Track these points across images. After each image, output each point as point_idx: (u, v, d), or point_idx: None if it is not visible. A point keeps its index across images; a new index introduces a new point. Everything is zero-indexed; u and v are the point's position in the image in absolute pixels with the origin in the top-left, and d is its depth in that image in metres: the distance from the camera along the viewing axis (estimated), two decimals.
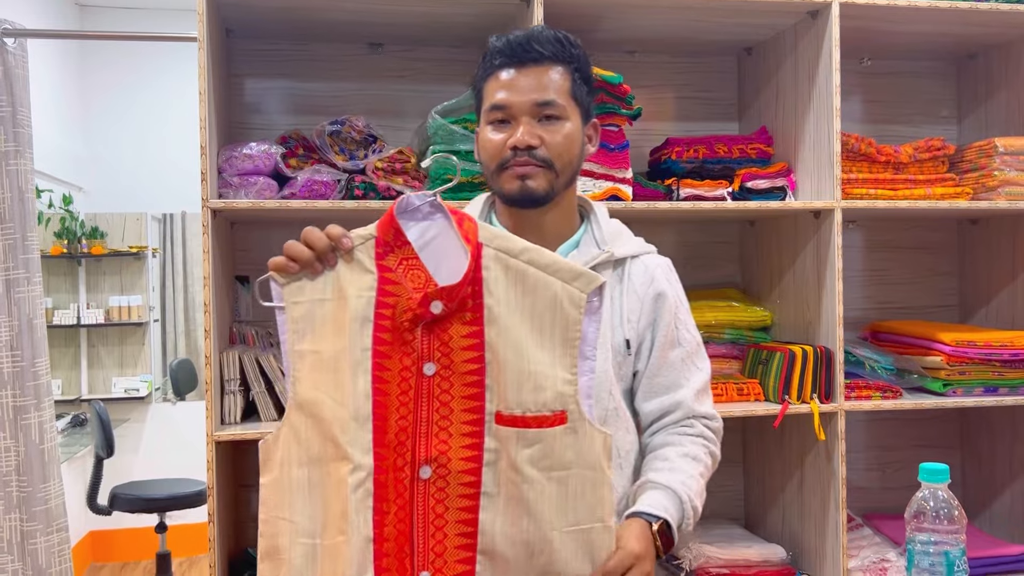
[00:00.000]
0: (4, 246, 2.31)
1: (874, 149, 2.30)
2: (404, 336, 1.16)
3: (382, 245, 1.18)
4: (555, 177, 1.37)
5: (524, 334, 1.17)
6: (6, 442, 2.33)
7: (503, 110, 1.37)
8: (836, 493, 2.17)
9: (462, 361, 1.16)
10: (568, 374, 1.18)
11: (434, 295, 1.15)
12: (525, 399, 1.16)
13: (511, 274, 1.18)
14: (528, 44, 1.36)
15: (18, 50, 2.35)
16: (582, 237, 1.46)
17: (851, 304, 2.55)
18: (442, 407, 1.16)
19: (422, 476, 1.15)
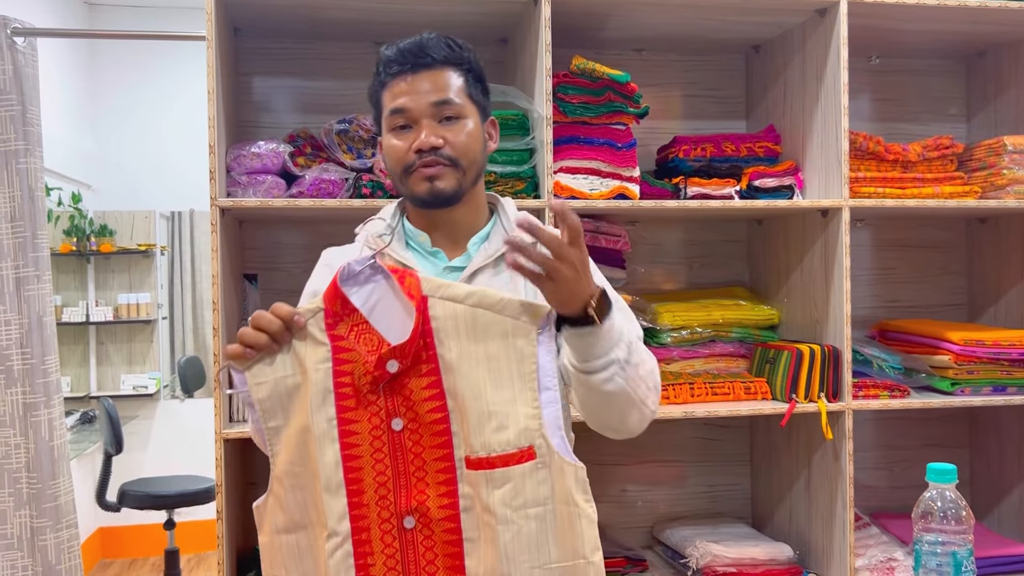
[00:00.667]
0: (14, 244, 2.32)
1: (882, 147, 2.30)
2: (368, 398, 1.20)
3: (331, 315, 1.22)
4: (462, 175, 1.39)
5: (481, 376, 1.19)
6: (16, 439, 2.35)
7: (403, 114, 1.38)
8: (843, 492, 2.16)
9: (426, 412, 1.20)
10: (531, 408, 1.19)
11: (387, 355, 1.19)
12: (489, 440, 1.18)
13: (460, 320, 1.20)
14: (420, 50, 1.38)
15: (28, 49, 2.36)
16: (492, 229, 1.48)
17: (859, 303, 2.55)
18: (416, 458, 1.20)
19: (406, 526, 1.20)
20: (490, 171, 2.08)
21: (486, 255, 1.42)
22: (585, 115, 2.14)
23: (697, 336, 2.31)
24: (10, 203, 2.32)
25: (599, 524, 2.54)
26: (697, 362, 2.33)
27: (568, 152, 2.13)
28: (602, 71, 2.11)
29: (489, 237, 1.46)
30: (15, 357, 2.33)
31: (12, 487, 2.35)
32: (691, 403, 2.18)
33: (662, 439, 2.58)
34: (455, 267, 1.44)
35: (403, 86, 1.38)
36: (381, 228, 1.47)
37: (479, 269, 1.41)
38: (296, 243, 2.39)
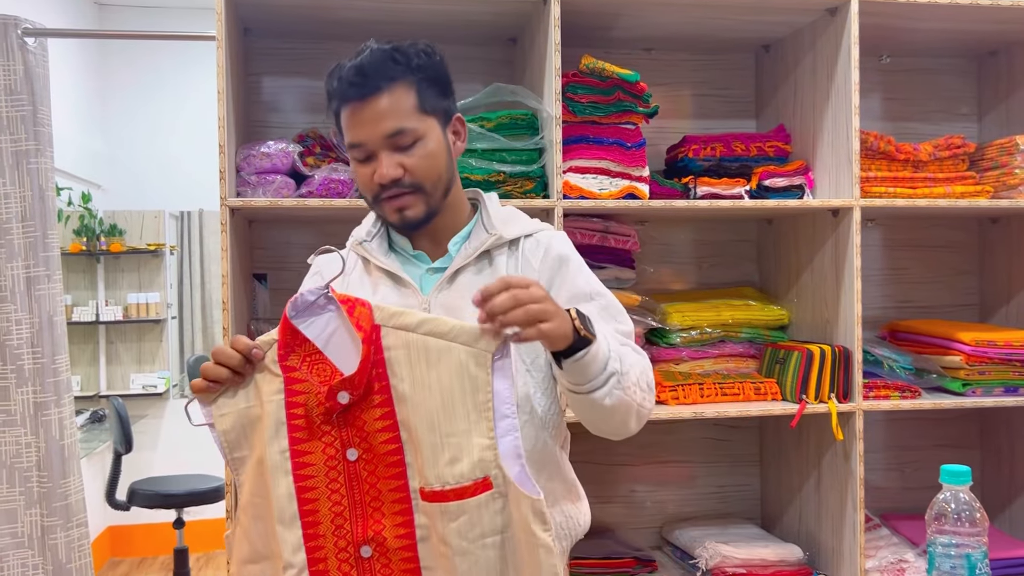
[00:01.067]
0: (25, 244, 2.33)
1: (893, 147, 2.29)
2: (322, 429, 1.19)
3: (284, 347, 1.21)
4: (428, 198, 1.38)
5: (435, 407, 1.17)
6: (27, 438, 2.35)
7: (360, 148, 1.36)
8: (854, 493, 2.16)
9: (380, 443, 1.19)
10: (486, 439, 1.16)
11: (338, 386, 1.17)
12: (443, 473, 1.16)
13: (413, 350, 1.18)
14: (358, 79, 1.33)
15: (38, 49, 2.36)
16: (473, 227, 1.47)
17: (869, 303, 2.54)
18: (371, 488, 1.20)
19: (363, 555, 1.19)
20: (499, 171, 2.08)
21: (466, 254, 1.41)
22: (594, 114, 2.14)
23: (707, 336, 2.31)
24: (21, 203, 2.32)
25: (608, 524, 2.55)
26: (707, 362, 2.32)
27: (577, 152, 2.12)
28: (612, 70, 2.10)
29: (470, 236, 1.45)
30: (26, 356, 2.34)
31: (23, 486, 2.36)
32: (701, 403, 2.17)
33: (671, 439, 2.57)
34: (437, 268, 1.43)
35: (355, 116, 1.35)
36: (362, 234, 1.47)
37: (461, 268, 1.40)
38: (305, 243, 2.39)
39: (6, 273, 2.32)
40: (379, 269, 1.43)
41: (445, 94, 1.42)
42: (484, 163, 2.07)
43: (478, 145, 2.07)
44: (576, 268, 1.45)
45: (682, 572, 2.33)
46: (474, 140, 2.07)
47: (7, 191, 2.31)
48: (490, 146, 2.08)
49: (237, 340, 1.21)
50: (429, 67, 1.39)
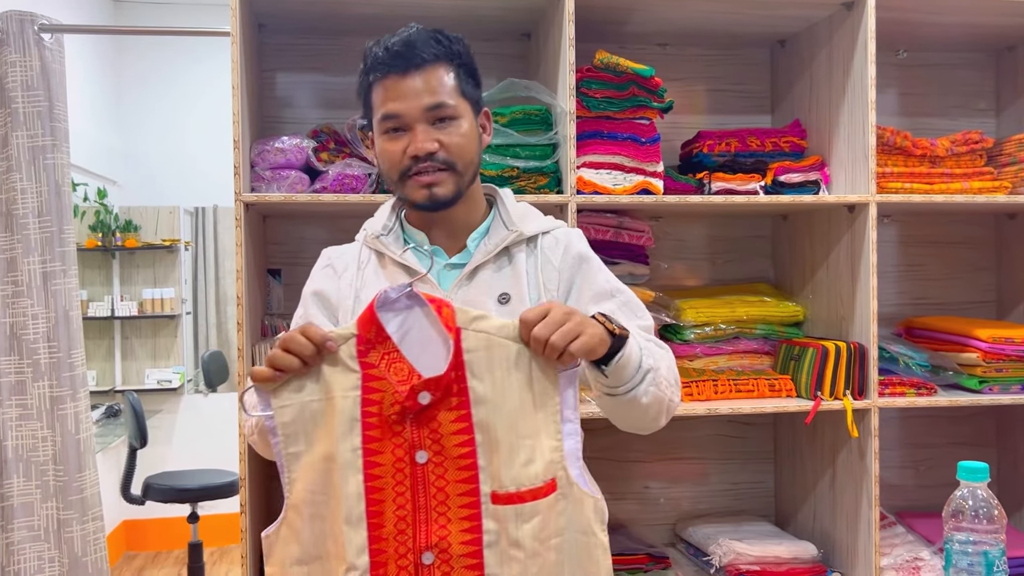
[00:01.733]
0: (41, 239, 2.35)
1: (910, 142, 2.27)
2: (394, 428, 1.17)
3: (363, 342, 1.19)
4: (459, 177, 1.37)
5: (511, 410, 1.18)
6: (43, 431, 2.37)
7: (396, 119, 1.36)
8: (869, 490, 2.14)
9: (453, 446, 1.17)
10: (554, 441, 1.19)
11: (420, 387, 1.16)
12: (518, 474, 1.17)
13: (492, 353, 1.19)
14: (410, 50, 1.34)
15: (55, 45, 2.38)
16: (491, 223, 1.46)
17: (885, 300, 2.52)
18: (439, 492, 1.17)
19: (425, 562, 1.17)
20: (512, 166, 2.07)
21: (486, 251, 1.41)
22: (609, 110, 2.13)
23: (721, 333, 2.30)
24: (37, 198, 2.34)
25: (621, 521, 2.54)
26: (721, 359, 2.31)
27: (591, 147, 2.11)
28: (626, 65, 2.09)
29: (488, 232, 1.45)
30: (42, 351, 2.35)
31: (39, 479, 2.38)
32: (715, 400, 2.16)
33: (685, 436, 2.57)
34: (455, 264, 1.42)
35: (394, 89, 1.35)
36: (378, 228, 1.46)
37: (480, 266, 1.40)
38: (319, 238, 2.40)
39: (23, 268, 2.34)
40: (395, 264, 1.42)
41: (477, 85, 1.44)
42: (498, 158, 2.07)
43: (492, 140, 2.05)
44: (596, 267, 1.46)
45: (695, 569, 2.33)
46: None
47: (24, 186, 2.33)
48: (504, 141, 2.08)
49: (309, 329, 1.18)
50: (466, 56, 1.41)
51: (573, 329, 1.16)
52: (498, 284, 1.39)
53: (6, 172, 2.34)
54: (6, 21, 2.30)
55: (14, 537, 2.35)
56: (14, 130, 2.32)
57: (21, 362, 2.36)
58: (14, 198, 2.33)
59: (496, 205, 1.49)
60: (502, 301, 1.38)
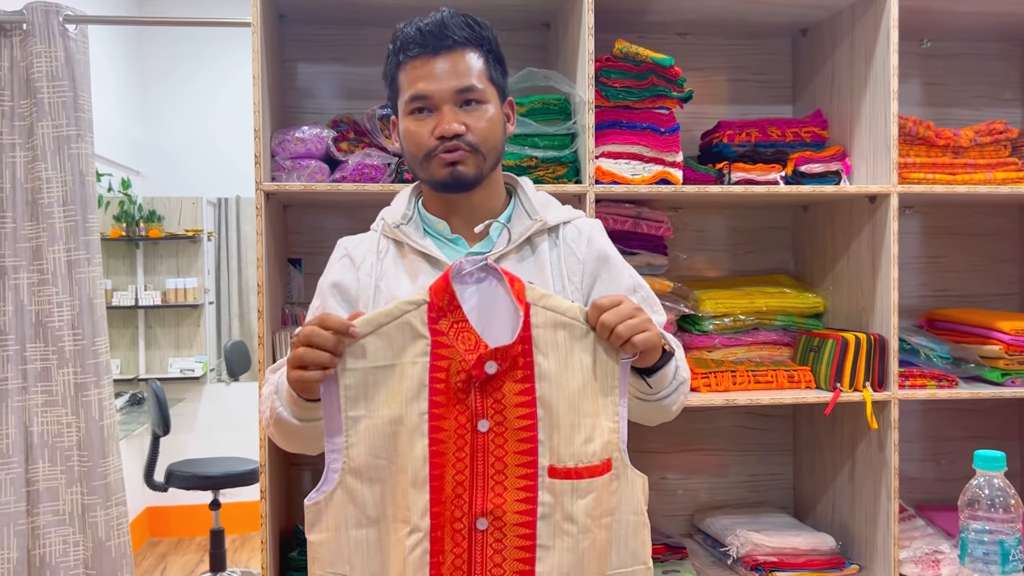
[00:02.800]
0: (66, 227, 2.38)
1: (933, 133, 2.25)
2: (458, 396, 1.19)
3: (435, 310, 1.21)
4: (483, 160, 1.38)
5: (573, 388, 1.21)
6: (68, 418, 2.41)
7: (424, 100, 1.36)
8: (888, 483, 2.13)
9: (515, 418, 1.20)
10: (611, 423, 1.23)
11: (488, 356, 1.19)
12: (577, 451, 1.20)
13: (559, 331, 1.22)
14: (442, 31, 1.35)
15: (79, 36, 2.40)
16: (512, 212, 1.47)
17: (906, 291, 2.51)
18: (497, 462, 1.20)
19: (479, 527, 1.19)
20: (531, 156, 2.07)
21: (509, 240, 1.41)
22: (628, 99, 2.12)
23: (740, 324, 2.29)
24: (62, 187, 2.37)
25: None
26: (740, 350, 2.31)
27: (610, 137, 2.11)
28: (645, 55, 2.09)
29: (511, 221, 1.45)
30: (67, 338, 2.39)
31: (64, 465, 2.41)
32: (733, 391, 2.16)
33: (703, 427, 2.56)
34: (477, 253, 1.42)
35: (423, 69, 1.35)
36: (397, 217, 1.45)
37: (503, 255, 1.40)
38: (339, 227, 2.41)
39: (48, 256, 2.37)
40: (416, 252, 1.41)
41: (504, 73, 1.45)
42: (516, 148, 2.07)
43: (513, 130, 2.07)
44: (619, 264, 1.48)
45: (712, 560, 2.33)
46: None
47: (49, 176, 2.35)
48: (522, 131, 2.08)
49: (329, 319, 1.18)
50: (496, 43, 1.42)
51: (639, 324, 1.21)
52: (521, 274, 1.39)
53: (31, 162, 2.37)
54: (32, 12, 2.32)
55: (40, 521, 2.39)
56: (39, 120, 2.34)
57: (46, 349, 2.40)
58: (39, 187, 2.36)
59: (517, 194, 1.49)
60: None
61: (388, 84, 1.43)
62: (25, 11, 2.33)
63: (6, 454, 2.35)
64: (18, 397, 2.37)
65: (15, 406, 2.36)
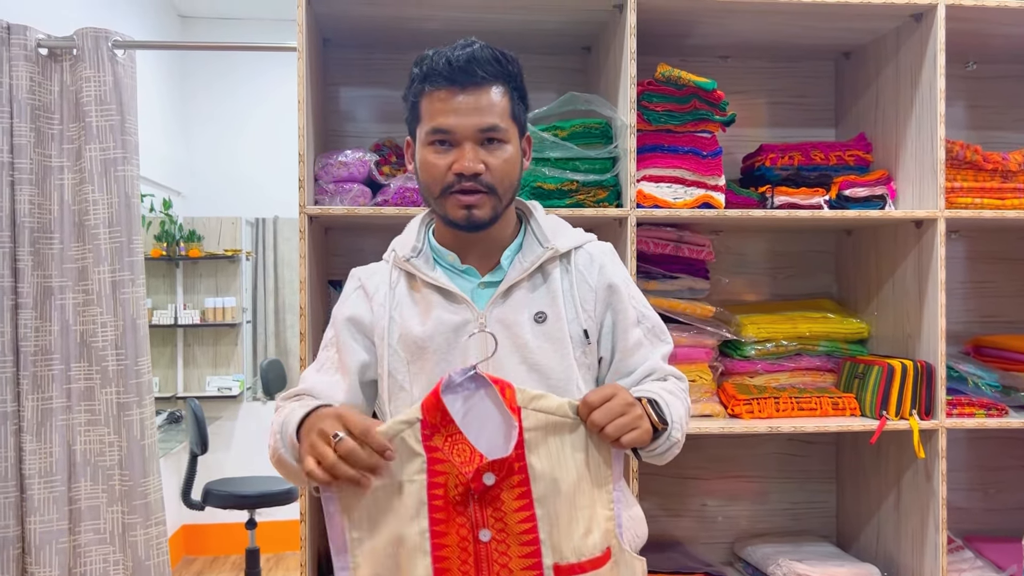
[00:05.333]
0: (111, 249, 2.41)
1: (980, 156, 2.21)
2: (457, 508, 1.20)
3: (428, 427, 1.21)
4: (498, 202, 1.37)
5: (569, 484, 1.22)
6: (110, 437, 2.43)
7: (446, 134, 1.34)
8: (936, 513, 2.09)
9: (515, 523, 1.20)
10: (607, 511, 1.24)
11: (485, 468, 1.19)
12: (578, 545, 1.21)
13: (550, 430, 1.23)
14: (470, 67, 1.33)
15: (127, 61, 2.44)
16: (524, 239, 1.45)
17: (952, 317, 2.46)
18: (502, 569, 1.20)
19: None
20: (572, 179, 2.07)
21: (521, 269, 1.40)
22: (670, 123, 2.12)
23: (783, 349, 2.26)
24: (108, 209, 2.40)
25: (678, 538, 2.51)
26: (782, 376, 2.27)
27: (652, 160, 2.10)
28: (688, 78, 2.08)
29: (522, 249, 1.44)
30: (110, 358, 2.41)
31: (106, 483, 2.43)
32: (776, 418, 2.12)
33: (744, 454, 2.53)
34: (489, 283, 1.41)
35: (448, 103, 1.34)
36: (407, 250, 1.45)
37: (515, 284, 1.39)
38: (378, 250, 2.38)
39: (93, 277, 2.40)
40: (428, 285, 1.41)
41: (526, 109, 1.43)
42: (557, 172, 2.07)
43: (551, 154, 2.07)
44: (627, 295, 1.46)
45: None
46: (547, 149, 2.07)
47: (95, 198, 2.39)
48: (563, 155, 2.08)
49: (374, 437, 1.17)
50: (521, 78, 1.41)
51: (628, 423, 1.22)
52: (534, 302, 1.39)
53: (79, 184, 2.41)
54: (82, 38, 2.37)
55: (81, 540, 2.41)
56: (87, 143, 2.38)
57: (90, 369, 2.43)
58: (86, 209, 2.40)
59: (528, 220, 1.48)
60: (538, 320, 1.38)
61: (408, 108, 1.42)
62: (76, 36, 2.38)
63: (50, 472, 2.38)
64: (62, 416, 2.40)
65: (59, 425, 2.39)
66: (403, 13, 2.14)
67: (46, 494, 2.37)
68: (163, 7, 5.04)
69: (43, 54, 2.40)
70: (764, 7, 2.10)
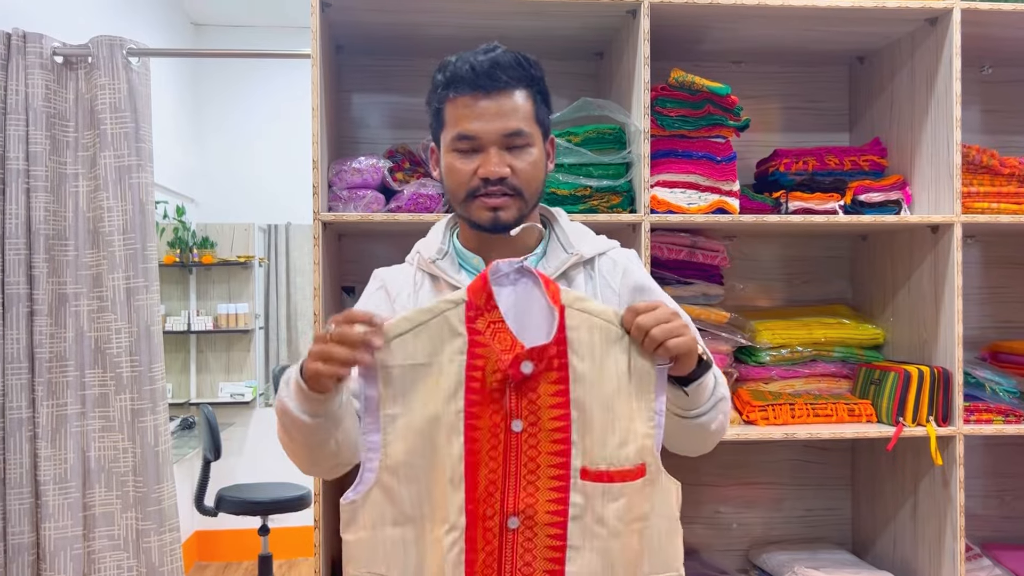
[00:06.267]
0: (125, 256, 2.42)
1: (997, 161, 2.20)
2: (493, 395, 1.20)
3: (473, 308, 1.21)
4: (524, 205, 1.37)
5: (608, 391, 1.21)
6: (124, 443, 2.44)
7: (472, 140, 1.34)
8: (953, 521, 2.07)
9: (549, 419, 1.20)
10: (646, 428, 1.22)
11: (524, 356, 1.19)
12: (611, 454, 1.20)
13: (594, 333, 1.22)
14: (493, 72, 1.33)
15: (141, 69, 2.46)
16: (548, 245, 1.46)
17: (968, 323, 2.44)
18: (529, 462, 1.20)
19: (510, 526, 1.19)
20: (585, 185, 2.07)
21: (547, 274, 1.39)
22: (683, 128, 2.11)
23: (798, 355, 2.25)
24: (122, 216, 2.41)
25: (692, 545, 2.50)
26: (797, 382, 2.26)
27: (666, 166, 2.10)
28: (702, 83, 2.07)
29: (547, 255, 1.44)
30: (124, 365, 2.42)
31: (119, 490, 2.44)
32: (791, 424, 2.11)
33: (758, 460, 2.51)
34: None
35: (473, 109, 1.34)
36: (432, 252, 1.44)
37: None
38: (392, 256, 2.39)
39: (107, 284, 2.41)
40: (452, 288, 1.41)
41: (549, 112, 1.44)
42: (571, 178, 2.07)
43: (565, 160, 2.07)
44: (657, 293, 1.46)
45: None
46: (561, 155, 2.07)
47: (110, 205, 2.40)
48: (577, 160, 2.07)
49: (355, 313, 1.17)
50: (543, 82, 1.41)
51: (675, 328, 1.20)
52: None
53: (94, 191, 2.42)
54: (97, 46, 2.39)
55: (95, 546, 2.41)
56: (102, 151, 2.40)
57: (104, 375, 2.44)
58: (101, 216, 2.41)
59: (551, 226, 1.48)
60: None
61: (432, 114, 1.42)
62: (91, 45, 2.39)
63: (64, 479, 2.38)
64: (76, 423, 2.41)
65: (73, 431, 2.40)
66: (416, 20, 2.14)
67: (61, 500, 2.37)
68: (177, 15, 5.07)
69: (58, 62, 2.42)
70: (777, 12, 2.09)
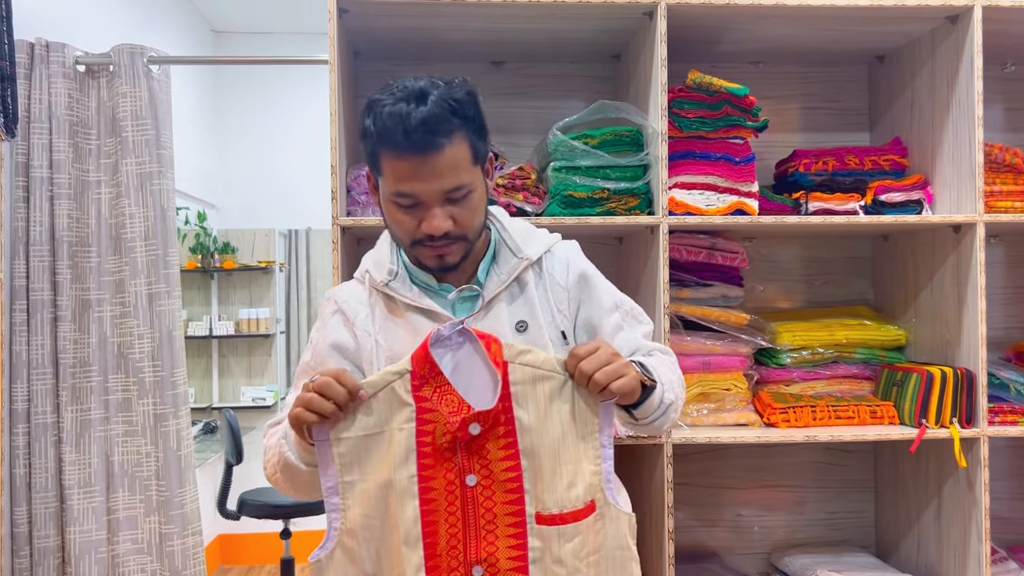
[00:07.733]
0: (147, 261, 2.44)
1: (1020, 159, 2.18)
2: (445, 454, 1.26)
3: (417, 378, 1.27)
4: (469, 243, 1.37)
5: (554, 438, 1.27)
6: (147, 448, 2.45)
7: (411, 197, 1.31)
8: (978, 523, 2.04)
9: (501, 471, 1.26)
10: (593, 465, 1.28)
11: (471, 418, 1.24)
12: (561, 497, 1.26)
13: (537, 385, 1.27)
14: (426, 130, 1.25)
15: (162, 76, 2.48)
16: (497, 252, 1.45)
17: (991, 323, 2.41)
18: (487, 512, 1.26)
19: (475, 575, 1.25)
20: (603, 187, 2.06)
21: (499, 282, 1.41)
22: (701, 129, 2.10)
23: (819, 357, 2.23)
24: (144, 222, 2.44)
25: (714, 549, 2.49)
26: (819, 384, 2.24)
27: (684, 167, 2.09)
28: (720, 84, 2.07)
29: (497, 262, 1.44)
30: (147, 370, 2.44)
31: (143, 494, 2.46)
32: (813, 427, 2.10)
33: (780, 463, 2.50)
34: (467, 296, 1.41)
35: (409, 170, 1.28)
36: (384, 274, 1.43)
37: (494, 297, 1.40)
38: None
39: (130, 290, 2.43)
40: (411, 308, 1.41)
41: (486, 138, 1.38)
42: (588, 180, 2.06)
43: (582, 163, 2.06)
44: (598, 284, 1.48)
45: None
46: (578, 158, 2.07)
47: (132, 211, 2.43)
48: (594, 163, 2.07)
49: (344, 377, 1.23)
50: (477, 115, 1.34)
51: (616, 370, 1.24)
52: (514, 313, 1.41)
53: (116, 198, 2.45)
54: (118, 54, 2.41)
55: (119, 549, 2.43)
56: (124, 158, 2.42)
57: (127, 380, 2.46)
58: (123, 222, 2.43)
59: (496, 227, 1.48)
60: (520, 329, 1.40)
61: (366, 152, 1.36)
62: (112, 53, 2.42)
63: (88, 483, 2.41)
64: (100, 427, 2.43)
65: (97, 436, 2.42)
66: (432, 24, 2.14)
67: (85, 504, 2.40)
68: (197, 23, 5.11)
69: (80, 71, 2.44)
70: (796, 11, 2.08)
